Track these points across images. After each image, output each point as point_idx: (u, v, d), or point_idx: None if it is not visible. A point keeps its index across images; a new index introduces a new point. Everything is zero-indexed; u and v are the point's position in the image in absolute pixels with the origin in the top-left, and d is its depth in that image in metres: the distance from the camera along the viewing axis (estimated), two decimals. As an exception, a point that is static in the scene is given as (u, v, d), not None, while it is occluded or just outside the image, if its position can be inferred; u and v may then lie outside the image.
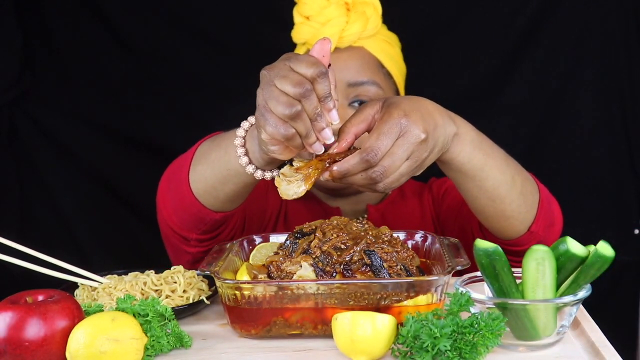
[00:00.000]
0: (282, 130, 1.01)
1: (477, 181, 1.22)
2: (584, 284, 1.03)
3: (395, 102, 1.11)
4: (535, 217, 1.30)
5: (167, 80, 2.17)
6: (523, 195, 1.27)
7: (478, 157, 1.19)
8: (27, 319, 0.96)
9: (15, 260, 1.19)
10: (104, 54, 2.16)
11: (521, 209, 1.28)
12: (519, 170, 1.28)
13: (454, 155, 1.18)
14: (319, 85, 1.01)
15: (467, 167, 1.20)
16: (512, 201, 1.26)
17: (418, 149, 1.08)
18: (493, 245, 1.02)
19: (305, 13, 1.51)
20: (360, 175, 1.08)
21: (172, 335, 1.06)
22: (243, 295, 1.07)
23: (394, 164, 1.07)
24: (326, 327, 1.06)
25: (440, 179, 1.66)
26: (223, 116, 2.15)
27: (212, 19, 2.12)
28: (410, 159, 1.08)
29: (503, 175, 1.23)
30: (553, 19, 2.05)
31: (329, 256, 1.12)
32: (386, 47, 1.56)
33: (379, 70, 1.54)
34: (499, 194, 1.24)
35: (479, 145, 1.20)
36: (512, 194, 1.25)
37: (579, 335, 1.08)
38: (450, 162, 1.19)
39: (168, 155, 2.18)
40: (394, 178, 1.08)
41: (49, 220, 2.22)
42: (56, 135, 2.20)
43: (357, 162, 1.06)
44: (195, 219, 1.33)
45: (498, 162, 1.22)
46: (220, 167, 1.22)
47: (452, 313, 0.99)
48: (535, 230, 1.31)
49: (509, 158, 1.27)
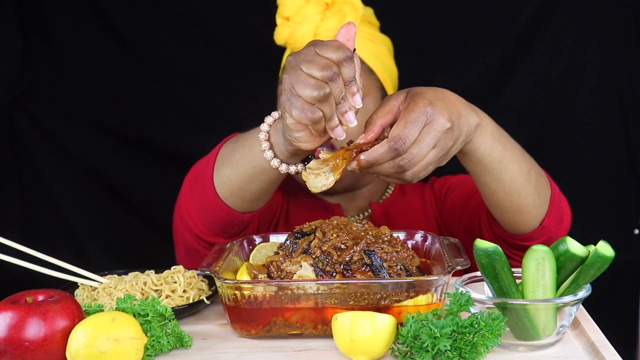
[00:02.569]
0: (309, 114, 1.01)
1: (496, 174, 1.23)
2: (584, 283, 1.03)
3: (420, 92, 1.12)
4: (547, 212, 1.32)
5: (167, 80, 2.17)
6: (537, 190, 1.28)
7: (497, 150, 1.21)
8: (27, 319, 0.96)
9: (16, 260, 1.19)
10: (104, 54, 2.17)
11: (535, 203, 1.29)
12: (534, 165, 1.30)
13: (476, 146, 1.19)
14: (345, 69, 1.01)
15: (487, 159, 1.21)
16: (527, 195, 1.27)
17: (444, 138, 1.09)
18: (493, 245, 1.02)
19: (285, 14, 1.51)
20: (388, 164, 1.08)
21: (172, 335, 1.06)
22: (243, 295, 1.07)
23: (421, 152, 1.08)
24: (326, 327, 1.06)
25: (441, 178, 1.67)
26: (223, 116, 2.16)
27: (212, 18, 2.12)
28: (436, 147, 1.09)
29: (520, 169, 1.24)
30: (553, 19, 2.05)
31: (329, 256, 1.12)
32: (368, 44, 1.55)
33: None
34: (516, 188, 1.25)
35: (499, 137, 1.21)
36: (528, 188, 1.26)
37: (579, 335, 1.08)
38: (471, 154, 1.20)
39: (168, 154, 2.20)
40: (422, 166, 1.09)
41: (49, 220, 2.22)
42: (56, 134, 2.20)
43: (386, 151, 1.07)
44: (224, 222, 1.34)
45: (515, 156, 1.24)
46: (245, 165, 1.23)
47: (452, 313, 0.99)
48: (547, 224, 1.32)
49: (525, 153, 1.28)
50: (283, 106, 1.05)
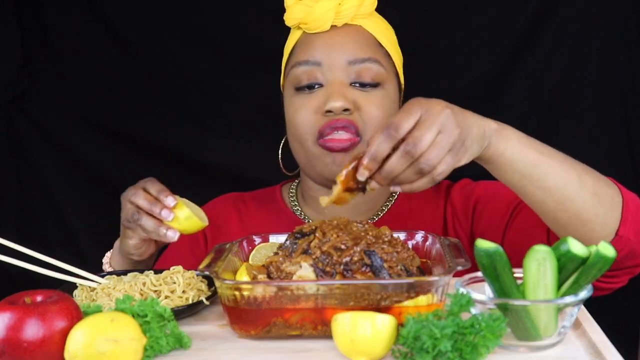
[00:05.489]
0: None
1: (537, 181, 1.19)
2: (585, 284, 1.02)
3: (416, 100, 1.12)
4: (621, 220, 1.23)
5: (167, 80, 2.17)
6: (597, 196, 1.21)
7: (530, 154, 1.18)
8: (25, 320, 0.96)
9: (14, 260, 1.19)
10: (103, 54, 2.16)
11: (598, 210, 1.21)
12: (587, 170, 1.23)
13: (501, 150, 1.17)
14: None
15: (519, 164, 1.18)
16: (584, 202, 1.20)
17: (446, 121, 1.08)
18: (494, 245, 1.02)
19: None
20: (409, 171, 1.08)
21: (171, 336, 1.05)
22: (242, 295, 1.06)
23: (426, 138, 1.07)
24: (326, 328, 1.05)
25: (458, 184, 1.58)
26: (223, 116, 2.16)
27: (213, 18, 2.12)
28: (442, 132, 1.08)
29: (567, 174, 1.19)
30: (553, 19, 2.05)
31: (329, 256, 1.12)
32: (383, 28, 1.54)
33: (378, 49, 1.51)
34: (567, 195, 1.19)
35: (529, 143, 1.19)
36: (583, 195, 1.20)
37: (580, 336, 1.07)
38: (497, 159, 1.17)
39: (168, 155, 2.20)
40: (436, 155, 1.08)
41: (48, 220, 2.22)
42: (55, 134, 2.19)
43: (399, 157, 1.08)
44: None
45: (556, 161, 1.20)
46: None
47: (453, 314, 0.98)
48: (625, 234, 1.22)
49: (572, 159, 1.23)
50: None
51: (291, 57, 1.53)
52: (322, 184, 1.53)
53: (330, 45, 1.48)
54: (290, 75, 1.51)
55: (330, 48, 1.47)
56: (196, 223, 1.35)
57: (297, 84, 1.49)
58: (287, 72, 1.53)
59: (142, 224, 1.34)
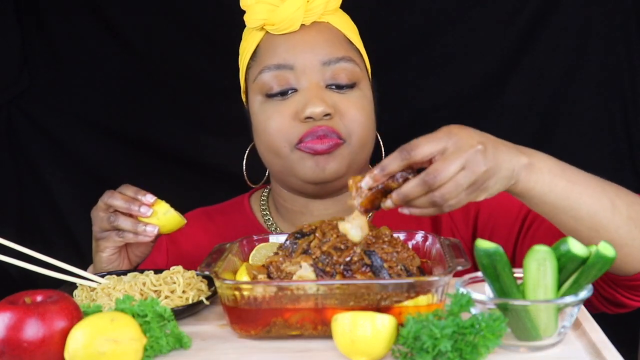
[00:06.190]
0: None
1: (569, 211, 1.15)
2: (585, 284, 1.02)
3: (448, 128, 1.08)
4: None
5: (167, 80, 2.16)
6: (632, 220, 1.18)
7: (561, 186, 1.14)
8: (25, 320, 0.96)
9: (14, 260, 1.19)
10: (102, 53, 2.16)
11: (634, 234, 1.18)
12: (620, 193, 1.20)
13: (531, 186, 1.13)
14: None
15: (550, 197, 1.14)
16: (618, 227, 1.17)
17: (473, 158, 1.04)
18: (494, 245, 1.02)
19: None
20: (423, 199, 1.05)
21: (171, 336, 1.05)
22: (242, 295, 1.06)
23: (448, 171, 1.03)
24: (326, 328, 1.05)
25: None
26: (223, 116, 2.16)
27: (212, 18, 2.12)
28: (465, 168, 1.05)
29: (599, 201, 1.16)
30: (553, 19, 2.04)
31: (329, 256, 1.12)
32: (350, 24, 1.48)
33: (350, 47, 1.44)
34: (600, 222, 1.16)
35: (561, 174, 1.15)
36: (617, 220, 1.17)
37: (580, 336, 1.07)
38: (528, 194, 1.14)
39: (168, 155, 2.20)
40: (451, 188, 1.04)
41: (48, 220, 2.22)
42: (55, 134, 2.19)
43: (416, 184, 1.04)
44: None
45: (589, 189, 1.16)
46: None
47: (453, 314, 0.98)
48: None
49: (605, 182, 1.20)
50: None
51: (255, 61, 1.45)
52: (300, 190, 1.47)
53: (301, 45, 1.40)
54: (258, 81, 1.42)
55: (301, 49, 1.40)
56: (175, 218, 1.33)
57: (268, 90, 1.41)
58: (253, 78, 1.44)
59: (118, 224, 1.31)
